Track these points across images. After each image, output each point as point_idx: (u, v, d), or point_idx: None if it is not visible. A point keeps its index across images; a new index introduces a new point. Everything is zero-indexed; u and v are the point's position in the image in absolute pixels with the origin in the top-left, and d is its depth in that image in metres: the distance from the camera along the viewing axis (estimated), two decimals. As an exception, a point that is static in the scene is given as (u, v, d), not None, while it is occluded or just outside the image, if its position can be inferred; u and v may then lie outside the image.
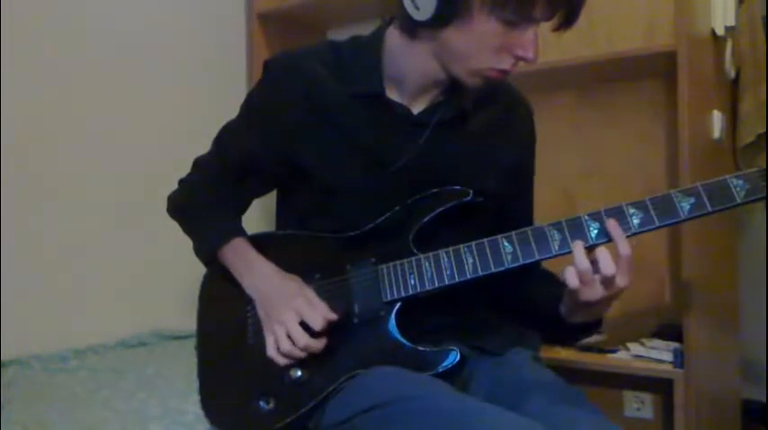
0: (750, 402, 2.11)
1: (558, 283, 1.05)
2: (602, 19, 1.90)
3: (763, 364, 2.07)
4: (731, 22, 1.86)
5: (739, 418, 2.08)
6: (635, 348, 1.81)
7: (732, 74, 1.96)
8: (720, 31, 1.84)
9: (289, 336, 1.07)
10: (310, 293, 1.11)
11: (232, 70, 2.40)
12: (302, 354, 1.07)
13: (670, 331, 1.80)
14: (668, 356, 1.70)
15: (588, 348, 1.87)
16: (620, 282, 1.00)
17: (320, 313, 1.08)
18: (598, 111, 2.02)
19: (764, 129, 1.86)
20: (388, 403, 0.97)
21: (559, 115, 2.06)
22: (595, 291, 0.99)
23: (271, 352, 1.10)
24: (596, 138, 2.02)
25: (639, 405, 1.96)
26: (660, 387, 1.85)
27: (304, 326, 1.08)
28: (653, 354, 1.75)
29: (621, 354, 1.81)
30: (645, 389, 1.94)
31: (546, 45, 1.85)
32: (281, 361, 1.09)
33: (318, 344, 1.07)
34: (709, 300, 1.82)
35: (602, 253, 0.99)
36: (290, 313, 1.08)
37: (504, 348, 1.15)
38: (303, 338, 1.07)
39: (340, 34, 1.24)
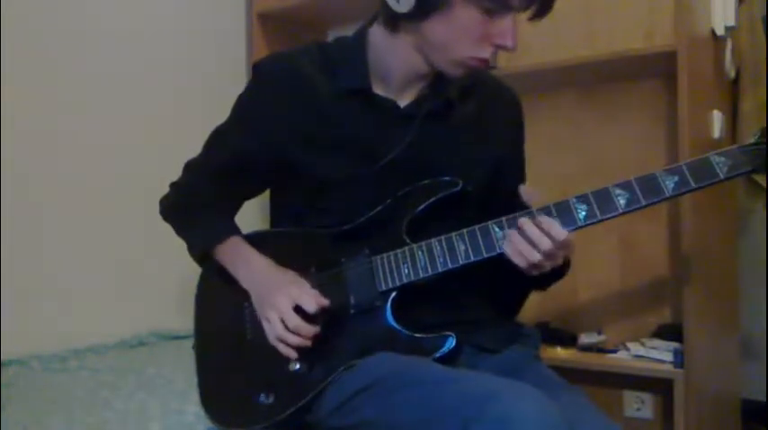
0: (750, 402, 2.11)
1: None
2: (603, 19, 1.90)
3: (762, 361, 2.07)
4: (731, 22, 1.86)
5: (739, 418, 2.08)
6: (635, 348, 1.81)
7: (732, 74, 1.96)
8: (720, 31, 1.84)
9: (282, 321, 1.08)
10: (303, 281, 1.14)
11: (232, 70, 2.40)
12: (295, 340, 1.08)
13: (670, 331, 1.80)
14: (668, 356, 1.71)
15: (588, 348, 1.87)
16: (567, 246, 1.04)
17: (313, 296, 1.10)
18: (598, 111, 2.02)
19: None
20: (385, 378, 1.00)
21: (559, 115, 2.06)
22: (547, 265, 1.05)
23: (270, 339, 1.11)
24: (596, 138, 2.02)
25: (639, 405, 1.96)
26: (660, 387, 1.86)
27: (299, 313, 1.08)
28: (653, 354, 1.75)
29: (621, 354, 1.81)
30: (645, 389, 1.94)
31: (546, 45, 1.88)
32: (282, 348, 1.09)
33: (310, 328, 1.08)
34: (709, 300, 1.82)
35: (540, 237, 1.02)
36: (283, 298, 1.10)
37: (503, 346, 1.15)
38: (294, 319, 1.07)
39: (340, 34, 1.25)
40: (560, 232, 1.02)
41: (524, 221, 1.04)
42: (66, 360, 1.70)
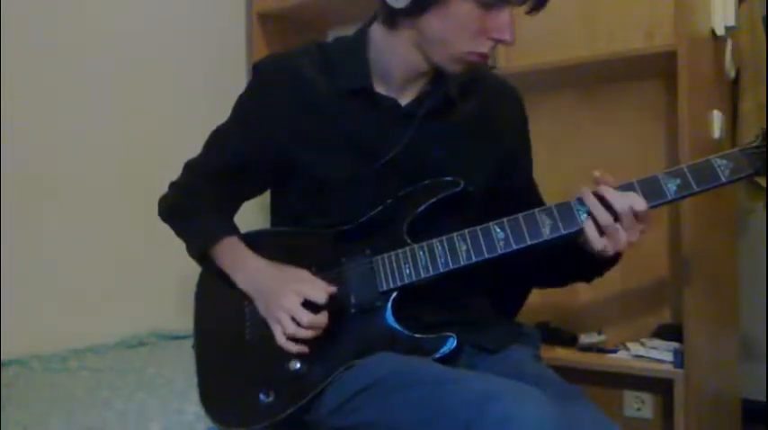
0: (750, 402, 2.11)
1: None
2: (602, 19, 1.90)
3: (762, 362, 2.07)
4: (731, 22, 1.86)
5: (739, 418, 2.08)
6: (635, 348, 1.81)
7: (732, 74, 1.96)
8: (720, 31, 1.84)
9: (293, 319, 1.08)
10: (305, 273, 1.13)
11: (232, 70, 2.40)
12: (309, 334, 1.07)
13: (670, 331, 1.80)
14: (668, 356, 1.71)
15: (588, 348, 1.87)
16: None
17: (320, 287, 1.09)
18: (598, 111, 2.02)
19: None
20: (385, 378, 1.00)
21: (559, 115, 2.06)
22: (619, 240, 1.03)
23: (280, 340, 1.09)
24: (596, 138, 2.02)
25: (639, 405, 1.96)
26: (660, 387, 1.86)
27: (307, 307, 1.08)
28: (653, 354, 1.75)
29: (621, 354, 1.81)
30: (645, 389, 1.94)
31: (546, 45, 1.87)
32: (292, 347, 1.08)
33: (323, 319, 1.08)
34: (709, 299, 1.82)
35: (612, 195, 1.02)
36: (291, 296, 1.09)
37: (503, 346, 1.15)
38: (306, 316, 1.07)
39: (340, 34, 1.25)
40: (641, 201, 1.01)
41: (606, 190, 1.03)
42: (67, 360, 1.69)
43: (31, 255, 1.81)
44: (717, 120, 1.84)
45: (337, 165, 1.15)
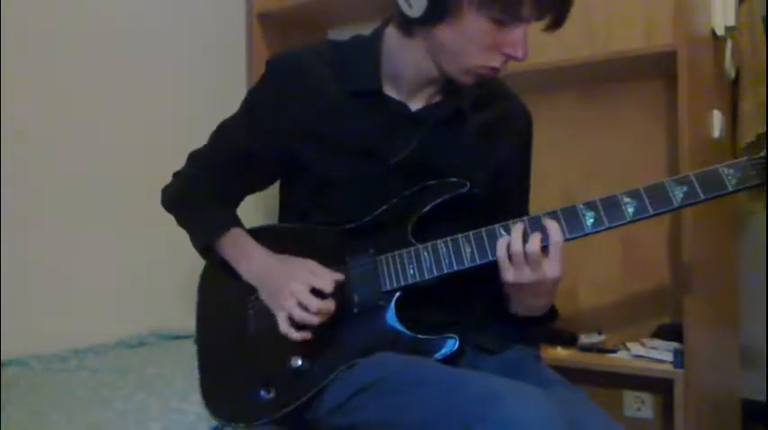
0: (750, 402, 2.11)
1: None
2: (602, 19, 1.90)
3: (762, 362, 2.07)
4: (731, 22, 1.86)
5: (739, 418, 2.08)
6: (635, 348, 1.81)
7: (732, 74, 1.96)
8: (720, 31, 1.85)
9: (302, 306, 1.07)
10: (311, 263, 1.12)
11: (232, 70, 2.40)
12: (316, 320, 1.07)
13: (670, 331, 1.81)
14: (668, 356, 1.71)
15: (588, 348, 1.87)
16: (549, 270, 1.02)
17: (326, 275, 1.09)
18: (598, 112, 2.02)
19: (764, 130, 1.86)
20: (386, 378, 0.99)
21: (559, 115, 2.06)
22: (522, 273, 1.02)
23: (283, 327, 1.08)
24: (596, 138, 2.02)
25: (639, 405, 1.96)
26: (660, 387, 1.86)
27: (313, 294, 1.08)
28: (653, 354, 1.75)
29: (621, 354, 1.81)
30: (645, 389, 1.94)
31: (546, 45, 1.87)
32: (295, 334, 1.08)
33: (331, 305, 1.07)
34: (709, 300, 1.82)
35: (533, 235, 1.03)
36: (298, 284, 1.08)
37: (503, 346, 1.15)
38: (315, 302, 1.06)
39: (340, 34, 1.26)
40: (557, 232, 1.02)
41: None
42: (67, 360, 1.69)
43: (31, 255, 1.81)
44: (717, 120, 1.84)
45: (340, 166, 1.15)
